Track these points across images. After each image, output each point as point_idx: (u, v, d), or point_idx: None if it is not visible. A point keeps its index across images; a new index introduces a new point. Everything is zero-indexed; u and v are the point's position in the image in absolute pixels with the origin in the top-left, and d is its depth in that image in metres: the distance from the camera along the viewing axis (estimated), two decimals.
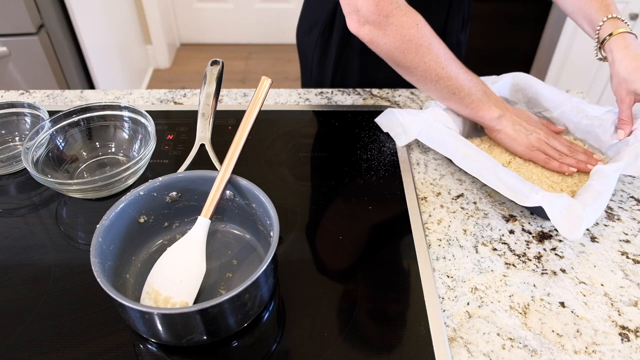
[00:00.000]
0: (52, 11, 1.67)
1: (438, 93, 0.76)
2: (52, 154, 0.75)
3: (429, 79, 0.73)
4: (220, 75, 0.79)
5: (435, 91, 0.75)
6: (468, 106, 0.76)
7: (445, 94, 0.75)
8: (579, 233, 0.63)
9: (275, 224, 0.56)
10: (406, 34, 0.70)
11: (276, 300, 0.60)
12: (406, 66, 0.73)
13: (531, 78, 0.87)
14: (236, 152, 0.61)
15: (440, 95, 0.76)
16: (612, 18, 0.76)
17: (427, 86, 0.75)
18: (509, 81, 0.87)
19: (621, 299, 0.61)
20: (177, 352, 0.55)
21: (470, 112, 0.77)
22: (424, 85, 0.75)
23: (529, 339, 0.56)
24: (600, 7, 0.77)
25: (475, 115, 0.77)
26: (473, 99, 0.75)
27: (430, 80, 0.73)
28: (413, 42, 0.70)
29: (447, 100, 0.77)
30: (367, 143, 0.84)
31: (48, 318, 0.58)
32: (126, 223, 0.60)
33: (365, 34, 0.71)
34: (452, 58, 0.73)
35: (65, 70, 1.75)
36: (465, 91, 0.75)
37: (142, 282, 0.58)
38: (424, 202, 0.73)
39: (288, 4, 2.73)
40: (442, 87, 0.74)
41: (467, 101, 0.75)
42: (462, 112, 0.78)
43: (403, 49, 0.71)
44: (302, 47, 1.06)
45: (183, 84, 2.62)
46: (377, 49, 0.73)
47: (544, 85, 0.85)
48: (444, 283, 0.62)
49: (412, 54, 0.71)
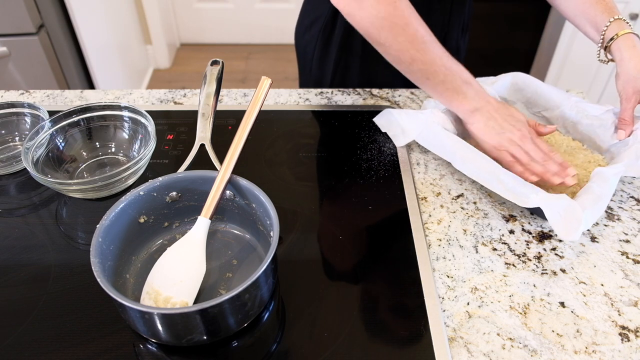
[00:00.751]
0: (52, 11, 1.67)
1: (412, 75, 0.75)
2: (52, 154, 0.75)
3: (402, 60, 0.72)
4: (220, 75, 0.79)
5: (409, 73, 0.74)
6: (442, 94, 0.75)
7: (419, 78, 0.74)
8: (576, 235, 0.63)
9: (275, 224, 0.56)
10: (382, 9, 0.69)
11: (276, 300, 0.60)
12: (380, 43, 0.72)
13: (530, 78, 0.86)
14: (236, 152, 0.61)
15: (414, 78, 0.75)
16: (617, 19, 0.76)
17: (401, 67, 0.74)
18: (507, 81, 0.87)
19: (621, 299, 0.61)
20: (177, 352, 0.55)
21: (444, 101, 0.76)
22: (398, 66, 0.74)
23: (529, 339, 0.56)
24: (605, 10, 0.77)
25: (449, 106, 0.76)
26: (447, 87, 0.73)
27: (403, 62, 0.73)
28: (387, 20, 0.70)
29: (421, 84, 0.76)
30: (367, 143, 0.84)
31: (48, 318, 0.58)
32: (126, 223, 0.60)
33: (343, 5, 0.72)
34: (433, 42, 0.72)
35: (65, 70, 1.75)
36: (440, 78, 0.73)
37: (142, 282, 0.58)
38: (424, 202, 0.73)
39: (288, 4, 2.73)
40: (415, 70, 0.73)
41: (440, 89, 0.74)
42: (437, 98, 0.77)
43: (377, 25, 0.70)
44: (302, 43, 1.05)
45: (183, 84, 2.62)
46: (353, 22, 0.73)
47: (543, 84, 0.85)
48: (444, 283, 0.62)
49: (385, 32, 0.70)
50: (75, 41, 1.82)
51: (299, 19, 1.05)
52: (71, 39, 1.80)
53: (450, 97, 0.74)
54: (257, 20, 2.82)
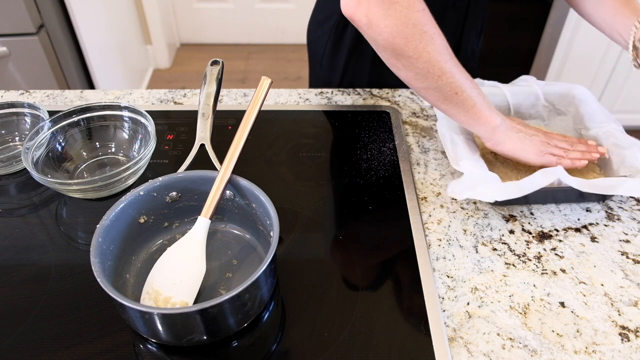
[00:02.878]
0: (52, 11, 1.67)
1: (439, 92, 0.66)
2: (52, 154, 0.75)
3: (431, 73, 0.64)
4: (220, 75, 0.79)
5: (436, 90, 0.66)
6: (469, 110, 0.67)
7: (447, 93, 0.66)
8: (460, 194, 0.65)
9: (275, 224, 0.56)
10: (412, 16, 0.61)
11: (276, 300, 0.60)
12: (407, 55, 0.63)
13: (588, 94, 0.83)
14: (236, 152, 0.61)
15: (441, 95, 0.66)
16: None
17: (427, 83, 0.65)
18: (561, 88, 0.84)
19: (621, 299, 0.61)
20: (177, 352, 0.55)
21: (471, 117, 0.68)
22: (423, 82, 0.66)
23: (529, 339, 0.56)
24: (632, 14, 0.75)
25: (476, 123, 0.69)
26: (475, 102, 0.67)
27: (432, 75, 0.64)
28: (418, 28, 0.62)
29: (447, 101, 0.67)
30: (367, 143, 0.84)
31: (48, 318, 0.58)
32: (126, 223, 0.60)
33: (363, 15, 0.62)
34: (452, 55, 0.66)
35: (65, 70, 1.75)
36: (467, 92, 0.66)
37: (142, 282, 0.58)
38: (424, 202, 0.73)
39: (288, 4, 2.73)
40: (444, 84, 0.65)
41: (468, 104, 0.67)
42: (460, 117, 0.69)
43: (406, 33, 0.62)
44: (313, 38, 1.04)
45: (183, 84, 2.62)
46: (374, 34, 0.63)
47: (596, 103, 0.81)
48: (444, 283, 0.62)
49: (415, 41, 0.62)
50: (75, 41, 1.82)
51: (312, 12, 1.04)
52: (71, 39, 1.80)
53: (478, 112, 0.68)
54: (257, 20, 2.82)
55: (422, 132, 0.87)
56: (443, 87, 0.66)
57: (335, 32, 0.97)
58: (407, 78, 0.67)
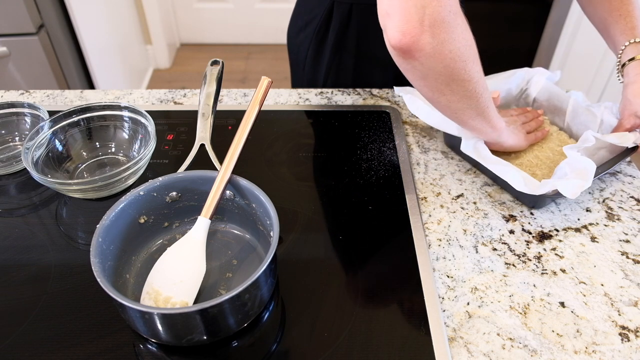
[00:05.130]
0: (52, 11, 1.67)
1: (474, 111, 0.63)
2: (52, 154, 0.75)
3: (475, 93, 0.60)
4: (220, 75, 0.79)
5: (474, 108, 0.63)
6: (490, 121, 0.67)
7: (481, 110, 0.64)
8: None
9: (275, 224, 0.56)
10: (469, 38, 0.56)
11: (276, 300, 0.60)
12: (462, 79, 0.57)
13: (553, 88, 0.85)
14: (236, 152, 0.61)
15: (476, 112, 0.64)
16: (634, 43, 0.75)
17: (468, 103, 0.61)
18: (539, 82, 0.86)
19: (621, 299, 0.61)
20: (177, 352, 0.55)
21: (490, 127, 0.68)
22: (465, 103, 0.61)
23: (529, 339, 0.56)
24: (625, 30, 0.76)
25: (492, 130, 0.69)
26: (492, 115, 0.67)
27: (475, 95, 0.61)
28: (473, 49, 0.57)
29: (479, 116, 0.65)
30: (367, 143, 0.84)
31: (48, 318, 0.58)
32: (126, 223, 0.60)
33: (427, 43, 0.52)
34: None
35: (65, 70, 1.75)
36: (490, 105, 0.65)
37: (142, 282, 0.58)
38: (424, 202, 0.73)
39: (288, 4, 2.73)
40: (482, 102, 0.63)
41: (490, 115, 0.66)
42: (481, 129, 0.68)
43: (467, 56, 0.56)
44: (295, 43, 1.05)
45: (183, 84, 2.62)
46: (435, 62, 0.55)
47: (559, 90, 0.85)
48: (444, 283, 0.62)
49: (471, 63, 0.57)
50: (75, 41, 1.82)
51: (291, 19, 1.06)
52: (71, 39, 1.80)
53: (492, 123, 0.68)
54: (257, 20, 2.82)
55: (422, 132, 0.87)
56: (478, 107, 0.63)
57: (317, 35, 0.98)
58: (447, 103, 0.62)
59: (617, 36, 0.77)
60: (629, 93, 0.75)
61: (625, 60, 0.76)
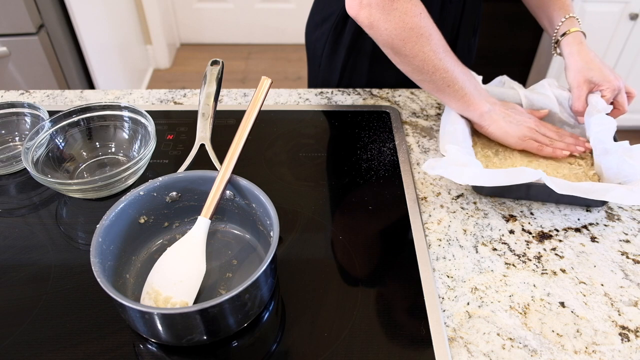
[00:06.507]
0: (52, 11, 1.67)
1: (432, 85, 0.76)
2: (52, 154, 0.75)
3: (425, 70, 0.73)
4: (220, 75, 0.79)
5: (430, 82, 0.75)
6: (460, 100, 0.77)
7: (440, 86, 0.75)
8: None
9: (275, 224, 0.56)
10: (409, 21, 0.69)
11: (276, 300, 0.60)
12: (404, 54, 0.72)
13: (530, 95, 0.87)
14: (236, 152, 0.61)
15: (435, 87, 0.76)
16: (570, 17, 0.83)
17: (422, 77, 0.75)
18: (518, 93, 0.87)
19: (621, 299, 0.61)
20: (177, 352, 0.55)
21: (462, 105, 0.78)
22: (418, 76, 0.75)
23: (529, 339, 0.56)
24: (561, 7, 0.84)
25: (467, 109, 0.78)
26: (466, 92, 0.76)
27: (426, 71, 0.73)
28: (414, 31, 0.70)
29: (440, 92, 0.77)
30: (367, 143, 0.84)
31: (48, 318, 0.58)
32: (126, 223, 0.60)
33: (365, 17, 0.71)
34: (448, 50, 0.74)
35: (65, 70, 1.75)
36: (460, 84, 0.75)
37: (142, 282, 0.58)
38: (424, 202, 0.73)
39: (288, 4, 2.73)
40: (437, 79, 0.74)
41: (459, 94, 0.76)
42: (453, 105, 0.79)
43: (404, 36, 0.70)
44: (312, 39, 1.05)
45: (183, 84, 2.62)
46: (375, 34, 0.72)
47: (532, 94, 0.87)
48: (444, 283, 0.62)
49: (412, 43, 0.71)
50: (75, 41, 1.82)
51: (310, 14, 1.05)
52: (71, 39, 1.80)
53: (468, 101, 0.77)
54: (257, 20, 2.82)
55: (422, 132, 0.87)
56: (437, 81, 0.75)
57: (333, 33, 0.98)
58: (405, 71, 0.76)
59: (554, 13, 0.85)
60: (572, 64, 0.81)
61: (563, 32, 0.83)
